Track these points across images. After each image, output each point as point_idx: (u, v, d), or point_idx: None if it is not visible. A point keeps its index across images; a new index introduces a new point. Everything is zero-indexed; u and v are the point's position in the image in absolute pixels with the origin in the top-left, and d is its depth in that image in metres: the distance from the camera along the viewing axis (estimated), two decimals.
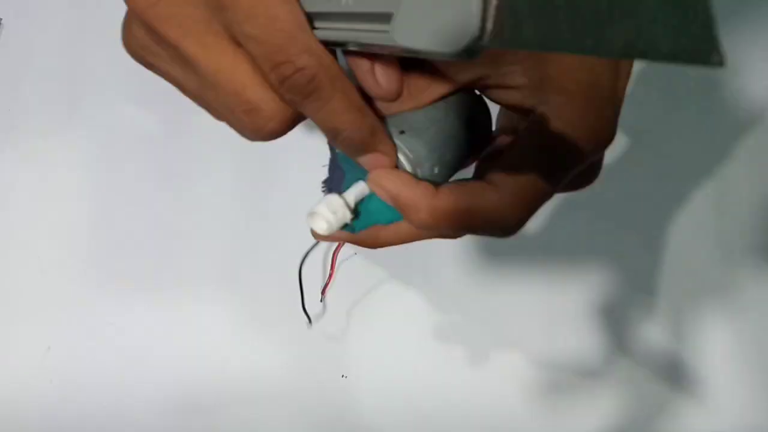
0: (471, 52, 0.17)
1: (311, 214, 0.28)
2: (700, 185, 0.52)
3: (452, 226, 0.27)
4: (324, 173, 0.31)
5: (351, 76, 0.26)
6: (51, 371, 0.46)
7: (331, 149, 0.30)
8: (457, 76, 0.27)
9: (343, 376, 0.48)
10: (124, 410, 0.46)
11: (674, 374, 0.49)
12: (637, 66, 0.53)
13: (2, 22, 0.51)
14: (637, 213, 0.51)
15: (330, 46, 0.23)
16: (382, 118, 0.28)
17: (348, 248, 0.49)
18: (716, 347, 0.49)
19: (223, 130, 0.51)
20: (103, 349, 0.47)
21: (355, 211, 0.28)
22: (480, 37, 0.16)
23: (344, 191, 0.28)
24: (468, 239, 0.50)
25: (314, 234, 0.28)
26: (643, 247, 0.51)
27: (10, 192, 0.49)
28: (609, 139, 0.27)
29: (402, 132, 0.27)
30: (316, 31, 0.23)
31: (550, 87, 0.26)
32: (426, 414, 0.48)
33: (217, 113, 0.27)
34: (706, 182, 0.52)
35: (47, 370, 0.46)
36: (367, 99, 0.26)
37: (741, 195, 0.51)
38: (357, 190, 0.28)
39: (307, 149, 0.50)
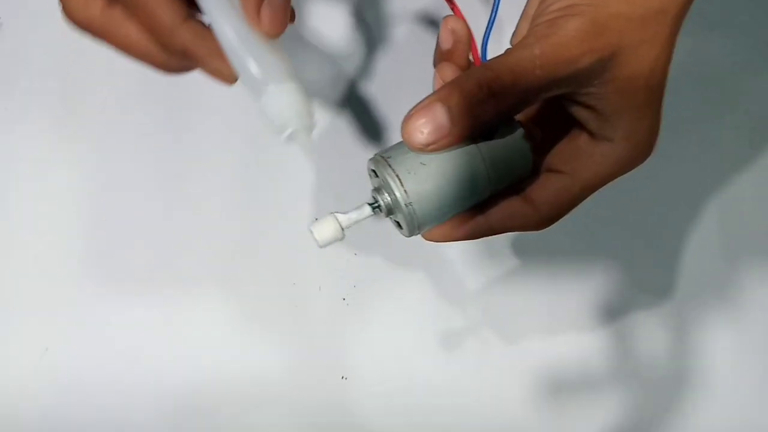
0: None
1: (311, 226, 0.31)
2: (704, 186, 0.51)
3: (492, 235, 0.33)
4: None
5: None
6: (48, 372, 0.46)
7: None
8: (547, 92, 0.28)
9: (343, 377, 0.48)
10: (122, 411, 0.46)
11: (678, 375, 0.49)
12: None
13: (0, 22, 0.51)
14: (640, 214, 0.51)
15: None
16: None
17: (347, 249, 0.49)
18: (720, 348, 0.49)
19: (222, 130, 0.51)
20: (100, 349, 0.47)
21: None
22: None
23: (348, 212, 0.31)
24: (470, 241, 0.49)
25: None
26: (647, 249, 0.50)
27: (7, 192, 0.49)
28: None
29: (423, 163, 0.29)
30: None
31: (619, 125, 0.29)
32: (426, 416, 0.47)
33: None
34: (710, 183, 0.51)
35: (45, 371, 0.46)
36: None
37: (745, 196, 0.51)
38: (357, 215, 0.31)
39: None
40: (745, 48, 0.53)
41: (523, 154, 0.30)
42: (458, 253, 0.49)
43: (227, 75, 0.28)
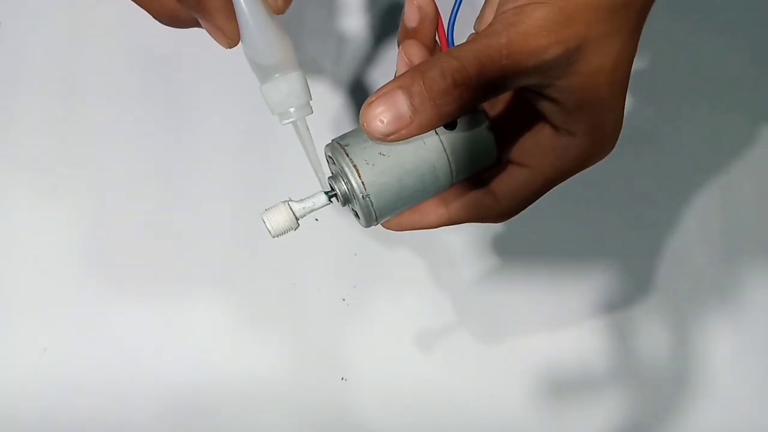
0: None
1: (263, 215, 0.30)
2: (705, 185, 0.51)
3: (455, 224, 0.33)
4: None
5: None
6: (47, 373, 0.46)
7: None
8: (512, 83, 0.27)
9: (342, 378, 0.47)
10: (122, 411, 0.46)
11: (678, 375, 0.49)
12: (642, 66, 0.53)
13: (0, 22, 0.51)
14: (640, 212, 0.51)
15: None
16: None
17: (347, 249, 0.49)
18: (720, 347, 0.49)
19: (222, 130, 0.51)
20: (100, 350, 0.47)
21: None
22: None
23: (303, 199, 0.30)
24: (469, 240, 0.49)
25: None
26: (648, 247, 0.50)
27: (6, 192, 0.49)
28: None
29: (383, 154, 0.28)
30: None
31: (582, 119, 0.28)
32: (426, 416, 0.47)
33: None
34: (710, 182, 0.51)
35: (43, 372, 0.46)
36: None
37: (745, 194, 0.51)
38: (312, 202, 0.30)
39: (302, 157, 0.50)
40: (746, 47, 0.53)
41: (487, 145, 0.29)
42: (458, 253, 0.49)
43: (229, 35, 0.28)
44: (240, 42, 0.28)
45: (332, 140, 0.30)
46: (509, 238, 0.50)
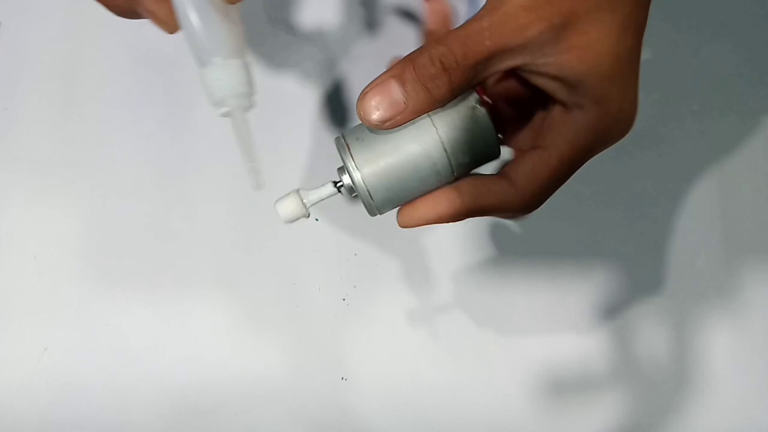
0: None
1: (276, 203, 0.32)
2: (705, 185, 0.51)
3: (472, 216, 0.32)
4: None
5: None
6: (47, 372, 0.46)
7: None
8: (501, 63, 0.28)
9: (342, 378, 0.47)
10: (121, 411, 0.46)
11: (678, 375, 0.49)
12: (642, 66, 0.53)
13: (0, 22, 0.51)
14: (640, 212, 0.51)
15: None
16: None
17: (348, 249, 0.49)
18: (721, 347, 0.49)
19: (222, 130, 0.51)
20: (99, 350, 0.47)
21: None
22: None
23: (313, 189, 0.32)
24: (470, 240, 0.49)
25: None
26: (648, 248, 0.50)
27: (6, 192, 0.49)
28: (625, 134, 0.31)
29: (383, 154, 0.29)
30: None
31: (586, 90, 0.28)
32: (426, 415, 0.47)
33: None
34: (710, 182, 0.51)
35: (44, 372, 0.46)
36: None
37: (745, 195, 0.51)
38: (322, 192, 0.32)
39: (307, 150, 0.50)
40: (745, 47, 0.53)
41: (486, 133, 0.30)
42: (459, 253, 0.49)
43: (164, 18, 0.28)
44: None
45: (339, 135, 0.31)
46: (509, 238, 0.50)
